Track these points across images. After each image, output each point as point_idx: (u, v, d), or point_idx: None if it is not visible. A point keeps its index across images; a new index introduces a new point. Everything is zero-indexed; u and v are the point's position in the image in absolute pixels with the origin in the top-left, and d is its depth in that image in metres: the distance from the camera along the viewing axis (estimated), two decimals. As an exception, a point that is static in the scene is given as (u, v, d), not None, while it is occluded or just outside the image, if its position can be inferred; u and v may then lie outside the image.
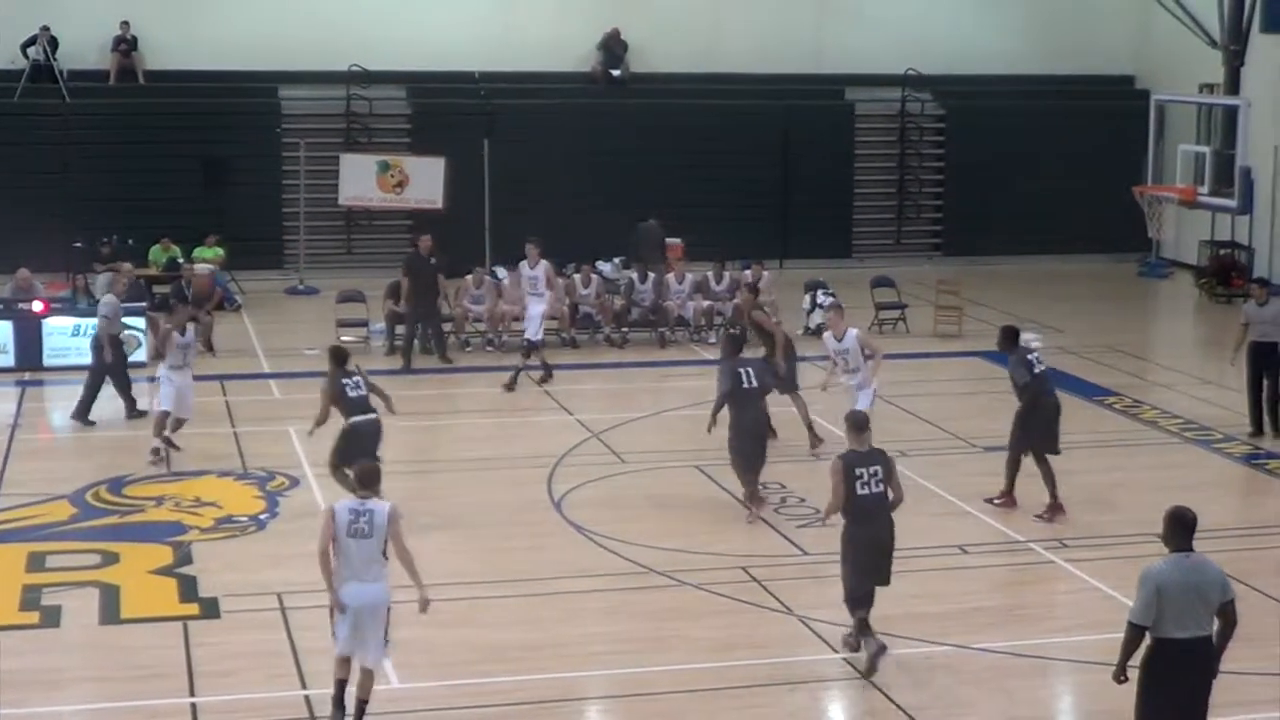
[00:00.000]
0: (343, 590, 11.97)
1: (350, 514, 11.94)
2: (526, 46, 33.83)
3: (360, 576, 11.92)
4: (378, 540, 11.88)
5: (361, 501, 12.03)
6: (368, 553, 11.89)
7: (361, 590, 11.92)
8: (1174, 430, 21.28)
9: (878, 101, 35.44)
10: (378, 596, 11.96)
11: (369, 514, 11.91)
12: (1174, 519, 10.51)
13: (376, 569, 11.94)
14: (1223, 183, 29.25)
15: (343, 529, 11.92)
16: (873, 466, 13.23)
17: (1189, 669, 10.40)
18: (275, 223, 32.38)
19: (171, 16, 32.76)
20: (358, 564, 11.90)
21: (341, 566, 11.96)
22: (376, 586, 11.96)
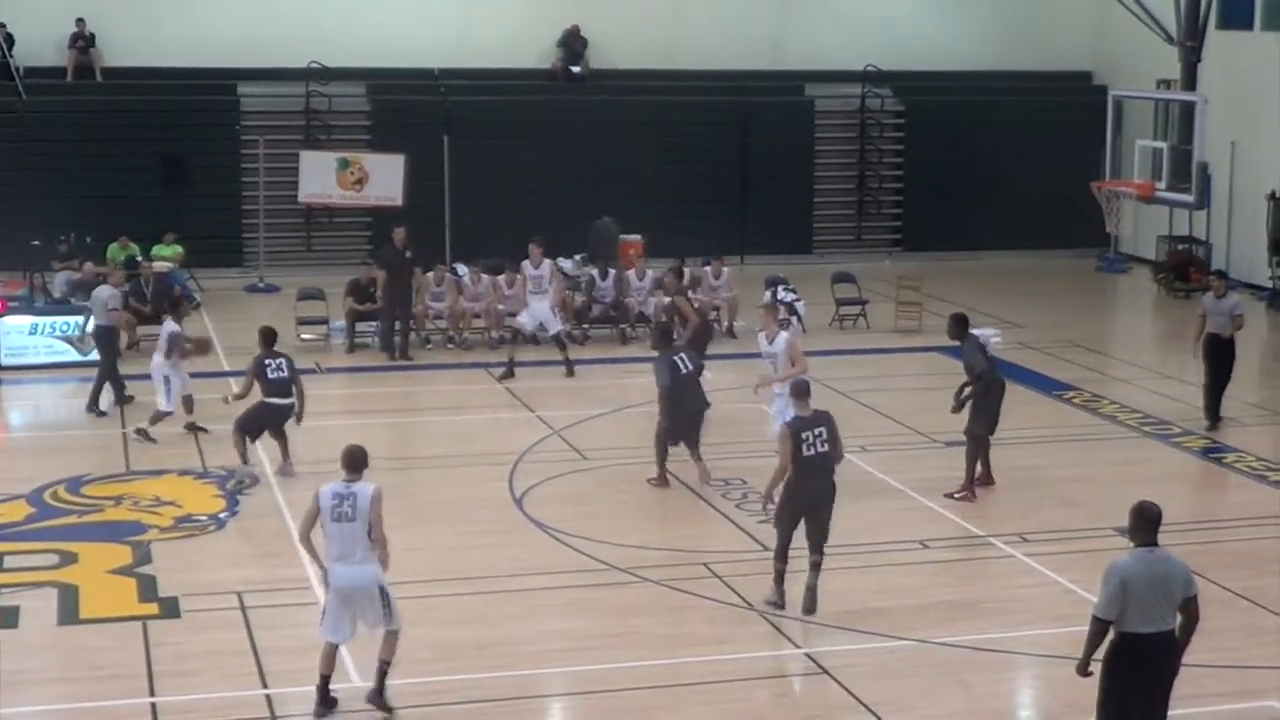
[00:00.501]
0: (331, 573, 12.11)
1: (334, 498, 12.06)
2: (486, 43, 33.78)
3: (347, 559, 12.04)
4: (361, 523, 12.01)
5: (346, 485, 12.14)
6: (352, 536, 12.01)
7: (349, 572, 12.04)
8: (1133, 425, 21.39)
9: (837, 97, 35.50)
10: (368, 578, 12.08)
11: (352, 497, 12.03)
12: (1139, 514, 10.56)
13: (363, 551, 12.03)
14: (1180, 178, 29.41)
15: (327, 513, 12.07)
16: (818, 429, 14.42)
17: (1151, 663, 10.46)
18: (234, 220, 32.27)
19: (129, 13, 32.59)
20: (343, 547, 12.04)
21: (329, 550, 12.13)
22: (365, 568, 12.07)
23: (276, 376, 18.45)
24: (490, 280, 26.33)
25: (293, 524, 16.74)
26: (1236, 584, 15.24)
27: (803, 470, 14.30)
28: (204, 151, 31.36)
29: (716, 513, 17.49)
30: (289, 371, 18.54)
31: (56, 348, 24.20)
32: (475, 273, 26.51)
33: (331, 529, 12.10)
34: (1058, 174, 33.97)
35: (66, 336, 24.23)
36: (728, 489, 18.21)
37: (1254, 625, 14.42)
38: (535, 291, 24.37)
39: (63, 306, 25.06)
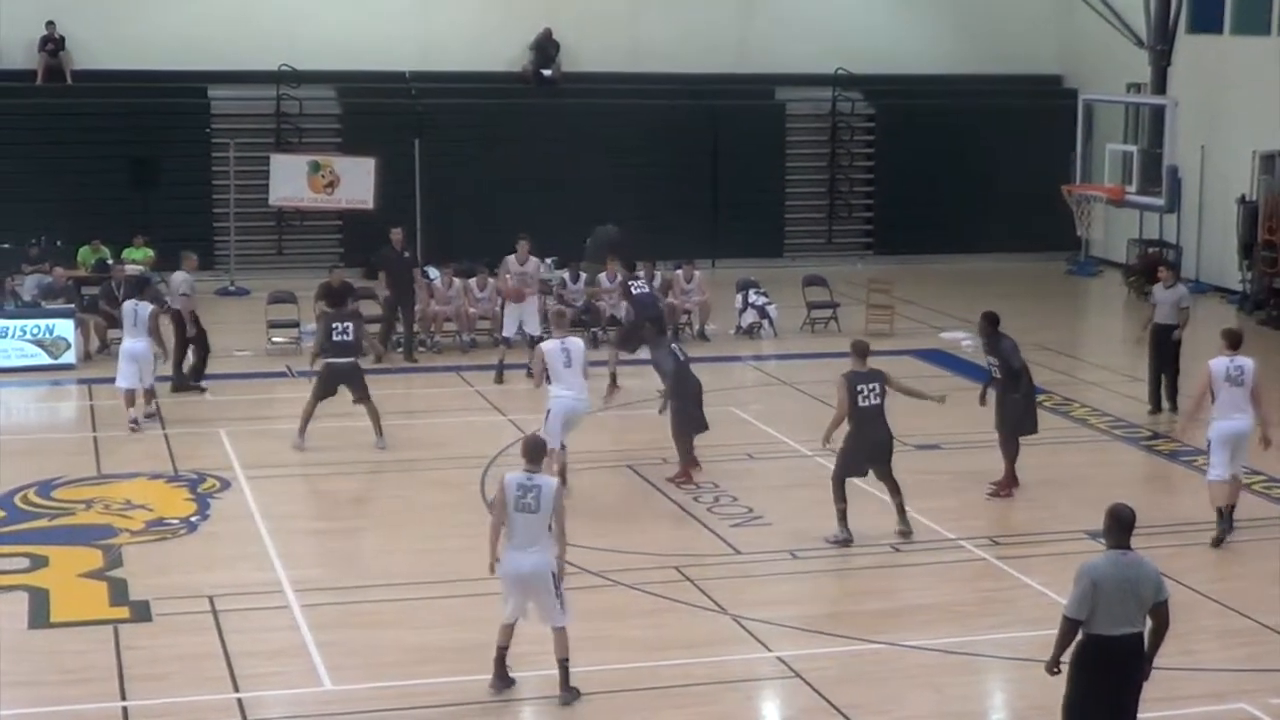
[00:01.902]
0: (508, 560, 12.53)
1: (519, 489, 12.46)
2: (456, 46, 33.76)
3: (528, 548, 12.44)
4: (544, 515, 12.41)
5: (529, 476, 12.50)
6: (536, 526, 12.41)
7: (530, 560, 12.45)
8: (1103, 428, 21.47)
9: (808, 101, 35.55)
10: (544, 566, 12.47)
11: (537, 490, 12.43)
12: (1113, 516, 10.61)
13: (543, 541, 12.46)
14: (1150, 182, 29.47)
15: (512, 503, 12.43)
16: (872, 383, 16.36)
17: (1119, 665, 10.49)
18: (205, 224, 32.15)
19: (99, 16, 32.47)
20: (526, 537, 12.41)
21: (511, 538, 12.50)
22: (543, 557, 12.46)
23: (341, 340, 19.91)
24: (462, 284, 26.31)
25: (265, 528, 16.77)
26: (1207, 586, 15.30)
27: (861, 421, 16.25)
28: (174, 155, 31.27)
29: (689, 517, 17.49)
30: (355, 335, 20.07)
31: (27, 351, 24.10)
32: (447, 276, 26.47)
33: (516, 519, 12.44)
34: (1028, 177, 34.02)
35: (38, 339, 24.13)
36: (700, 493, 18.21)
37: (1225, 628, 14.48)
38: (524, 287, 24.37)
39: (33, 310, 24.95)
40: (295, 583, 15.15)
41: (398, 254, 25.26)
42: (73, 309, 24.92)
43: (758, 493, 18.30)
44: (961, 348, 26.57)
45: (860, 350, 16.64)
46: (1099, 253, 35.08)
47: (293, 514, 17.72)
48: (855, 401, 16.22)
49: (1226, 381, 16.52)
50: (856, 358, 16.58)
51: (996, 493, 18.22)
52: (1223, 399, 16.52)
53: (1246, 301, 30.37)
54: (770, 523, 17.26)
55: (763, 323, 27.55)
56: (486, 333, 26.26)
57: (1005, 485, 18.31)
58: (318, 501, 18.57)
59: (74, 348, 24.23)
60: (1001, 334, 18.44)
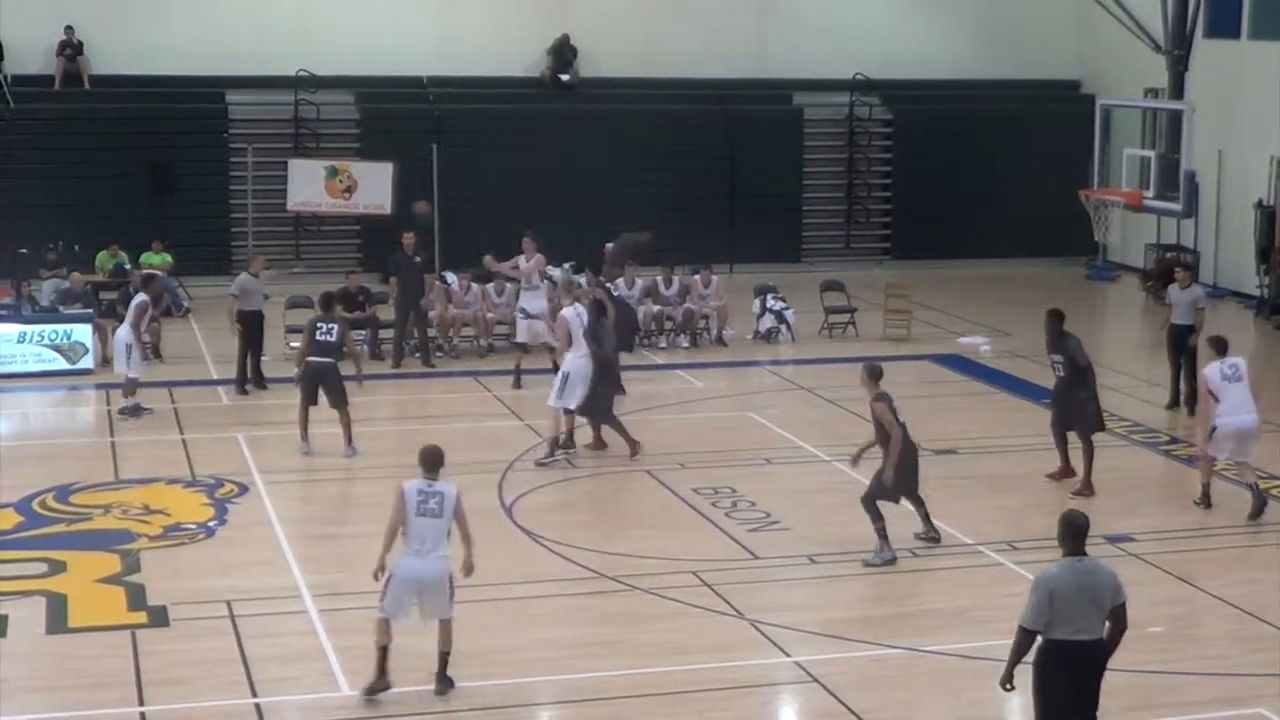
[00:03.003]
0: (402, 564, 12.64)
1: (419, 494, 12.67)
2: (474, 51, 33.79)
3: (425, 553, 12.58)
4: (445, 520, 12.62)
5: (429, 482, 12.71)
6: (436, 531, 12.58)
7: (425, 564, 12.58)
8: (1121, 433, 21.41)
9: (826, 106, 35.54)
10: (441, 571, 12.64)
11: (439, 495, 12.67)
12: (1067, 523, 10.64)
13: (441, 546, 12.63)
14: (1168, 186, 29.39)
15: (412, 508, 12.61)
16: (894, 403, 16.22)
17: (1079, 670, 10.48)
18: (223, 228, 32.22)
19: (118, 21, 32.56)
20: (424, 541, 12.58)
21: (409, 543, 12.64)
22: (441, 562, 12.64)
23: (324, 340, 19.99)
24: (480, 288, 26.33)
25: (282, 533, 16.79)
26: (1224, 591, 15.26)
27: (905, 440, 16.09)
28: (192, 160, 31.34)
29: (706, 521, 17.48)
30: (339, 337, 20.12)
31: (44, 356, 24.16)
32: (464, 280, 26.49)
33: (417, 524, 12.60)
34: (1046, 182, 34.00)
35: (55, 344, 24.19)
36: (717, 498, 18.21)
37: (1243, 633, 14.43)
38: (526, 288, 24.38)
39: (51, 315, 25.02)
40: (313, 587, 15.17)
41: (408, 258, 25.27)
42: (90, 314, 24.98)
43: (775, 497, 18.29)
44: (979, 352, 26.54)
45: (879, 374, 16.48)
46: (1116, 257, 35.03)
47: (310, 519, 17.75)
48: (898, 421, 16.00)
49: (1225, 381, 17.20)
50: (876, 381, 16.35)
51: (1080, 492, 18.21)
52: (1228, 399, 17.17)
53: (1264, 306, 30.30)
54: (788, 527, 17.24)
55: (780, 327, 27.54)
56: (504, 338, 26.26)
57: (1085, 485, 18.34)
58: (335, 506, 18.59)
59: (92, 353, 24.28)
60: (1066, 332, 18.54)
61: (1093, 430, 18.52)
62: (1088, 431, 18.47)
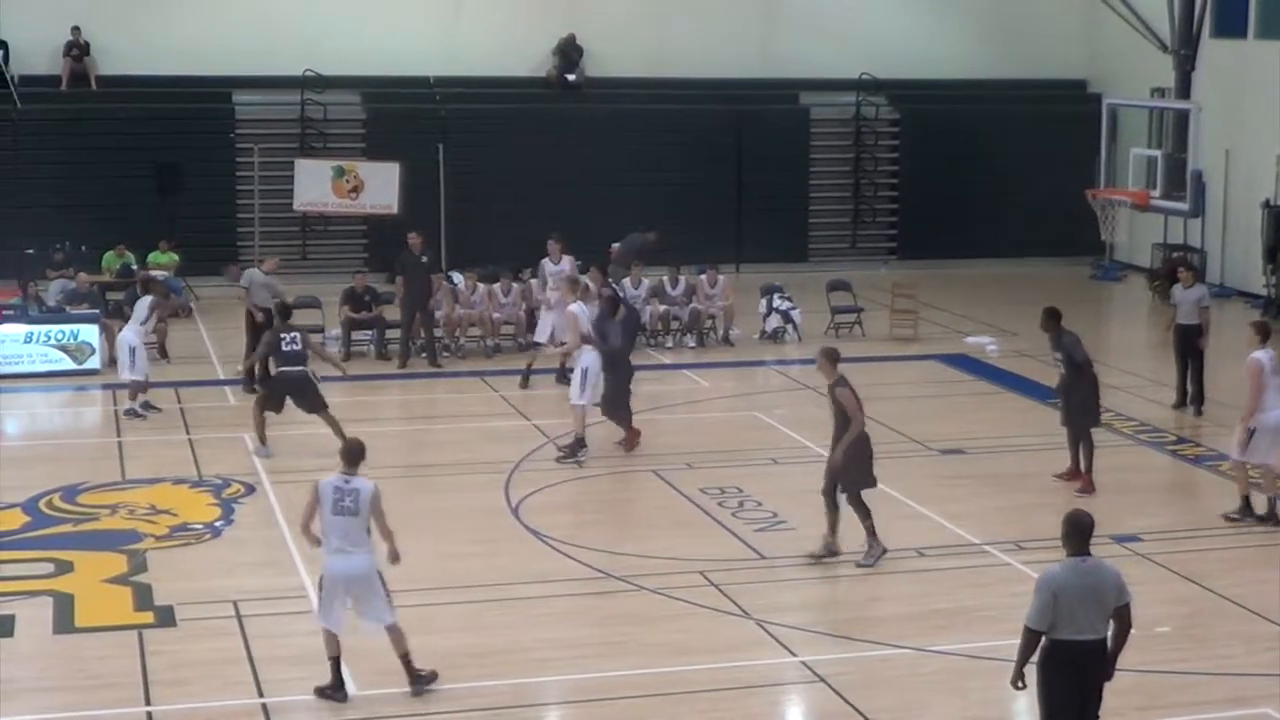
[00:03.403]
0: (327, 564, 12.50)
1: (335, 491, 12.48)
2: (480, 51, 33.78)
3: (346, 551, 12.44)
4: (363, 518, 12.46)
5: (346, 479, 12.56)
6: (355, 528, 12.43)
7: (347, 563, 12.43)
8: (1128, 432, 21.40)
9: (832, 106, 35.53)
10: (366, 567, 12.50)
11: (355, 492, 12.48)
12: (1071, 523, 10.61)
13: (362, 543, 12.49)
14: (1175, 186, 29.38)
15: (328, 505, 12.45)
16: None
17: (1083, 669, 10.47)
18: (229, 229, 32.24)
19: (124, 22, 32.58)
20: (343, 539, 12.43)
21: (328, 542, 12.51)
22: (364, 559, 12.50)
23: (290, 349, 19.92)
24: (486, 289, 26.31)
25: (289, 533, 16.78)
26: (1232, 591, 15.24)
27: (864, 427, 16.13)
28: (199, 160, 31.35)
29: (713, 521, 17.47)
30: (303, 344, 20.09)
31: (51, 356, 24.18)
32: (470, 280, 26.47)
33: (334, 522, 12.45)
34: (1053, 182, 33.98)
35: (62, 344, 24.21)
36: (724, 498, 18.21)
37: (1250, 633, 14.41)
38: (556, 289, 24.35)
39: (57, 315, 25.03)
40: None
41: (415, 258, 25.25)
42: (97, 314, 25.00)
43: (782, 497, 18.28)
44: (986, 352, 26.53)
45: (838, 358, 16.28)
46: (1123, 257, 34.99)
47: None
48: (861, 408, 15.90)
49: (1275, 375, 17.00)
50: (835, 365, 16.15)
51: (1083, 490, 18.19)
52: (1271, 391, 16.96)
53: (1271, 306, 30.25)
54: (794, 527, 17.23)
55: (787, 327, 27.53)
56: (511, 337, 26.27)
57: (1086, 481, 18.33)
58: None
59: (98, 353, 24.29)
60: (1063, 329, 18.52)
61: (1088, 423, 18.47)
62: (1083, 424, 18.43)
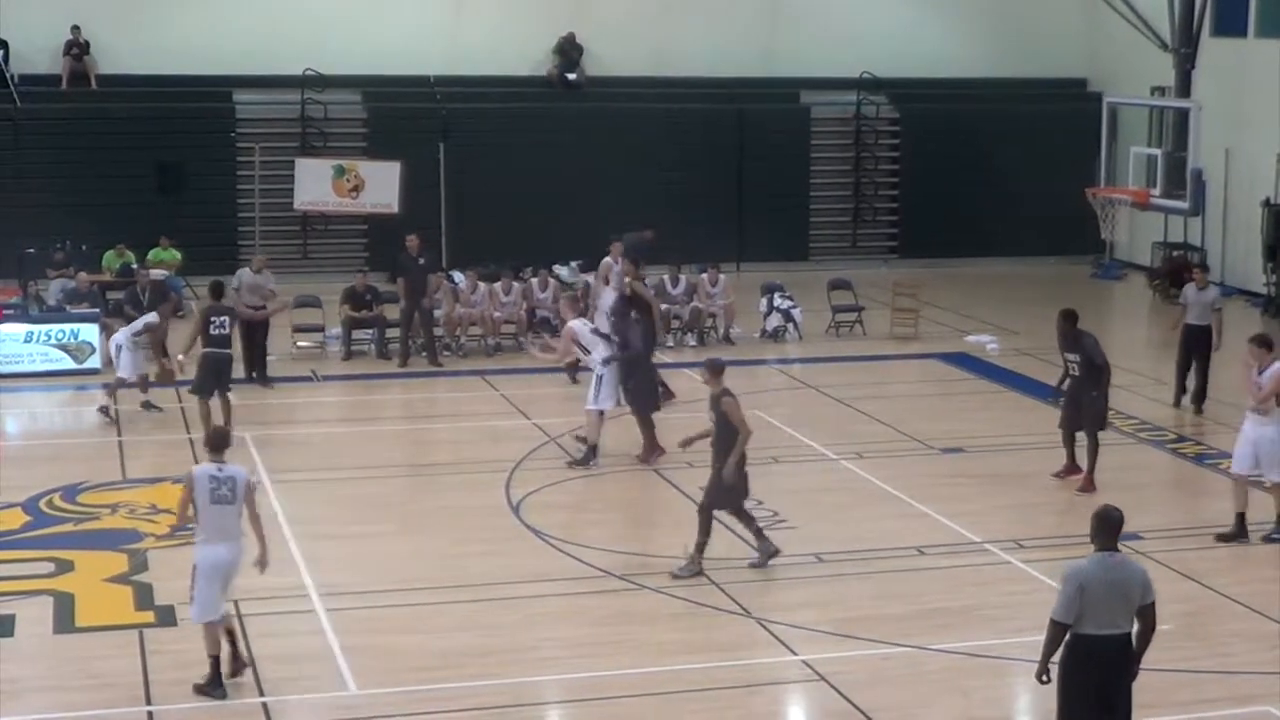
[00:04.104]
0: (202, 553, 12.62)
1: (211, 480, 12.55)
2: (481, 51, 33.77)
3: (224, 539, 12.60)
4: (239, 506, 12.58)
5: (220, 467, 12.64)
6: (231, 516, 12.57)
7: (227, 552, 12.63)
8: (1129, 431, 21.39)
9: (833, 105, 35.51)
10: (240, 556, 12.76)
11: (230, 480, 12.57)
12: (1101, 518, 10.61)
13: (238, 532, 12.68)
14: (1175, 185, 29.37)
15: (205, 495, 12.50)
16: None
17: (1106, 666, 10.47)
18: (230, 228, 32.20)
19: (124, 21, 32.57)
20: (221, 529, 12.56)
21: (203, 531, 12.61)
22: (240, 548, 12.72)
23: (218, 333, 20.17)
24: (487, 288, 26.31)
25: (290, 532, 16.79)
26: (1233, 589, 15.24)
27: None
28: (199, 159, 31.30)
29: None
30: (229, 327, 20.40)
31: (51, 355, 24.17)
32: (471, 279, 26.46)
33: (212, 511, 12.54)
34: (1053, 181, 33.96)
35: (62, 344, 24.21)
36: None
37: (1252, 631, 14.41)
38: (617, 289, 24.40)
39: (57, 314, 25.03)
40: (320, 587, 15.17)
41: (413, 259, 25.23)
42: (97, 313, 24.98)
43: (783, 496, 18.27)
44: (987, 351, 26.52)
45: (722, 369, 16.21)
46: (1123, 256, 34.98)
47: (317, 518, 17.73)
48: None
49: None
50: (719, 376, 16.03)
51: (1084, 488, 18.26)
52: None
53: (1271, 304, 30.26)
54: (795, 526, 17.23)
55: (787, 326, 27.52)
56: (511, 336, 26.27)
57: (1087, 481, 18.36)
58: (342, 506, 18.57)
59: (98, 352, 24.28)
60: (1082, 330, 18.54)
61: (1099, 427, 18.50)
62: (1094, 428, 18.45)
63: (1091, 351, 18.38)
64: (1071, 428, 18.69)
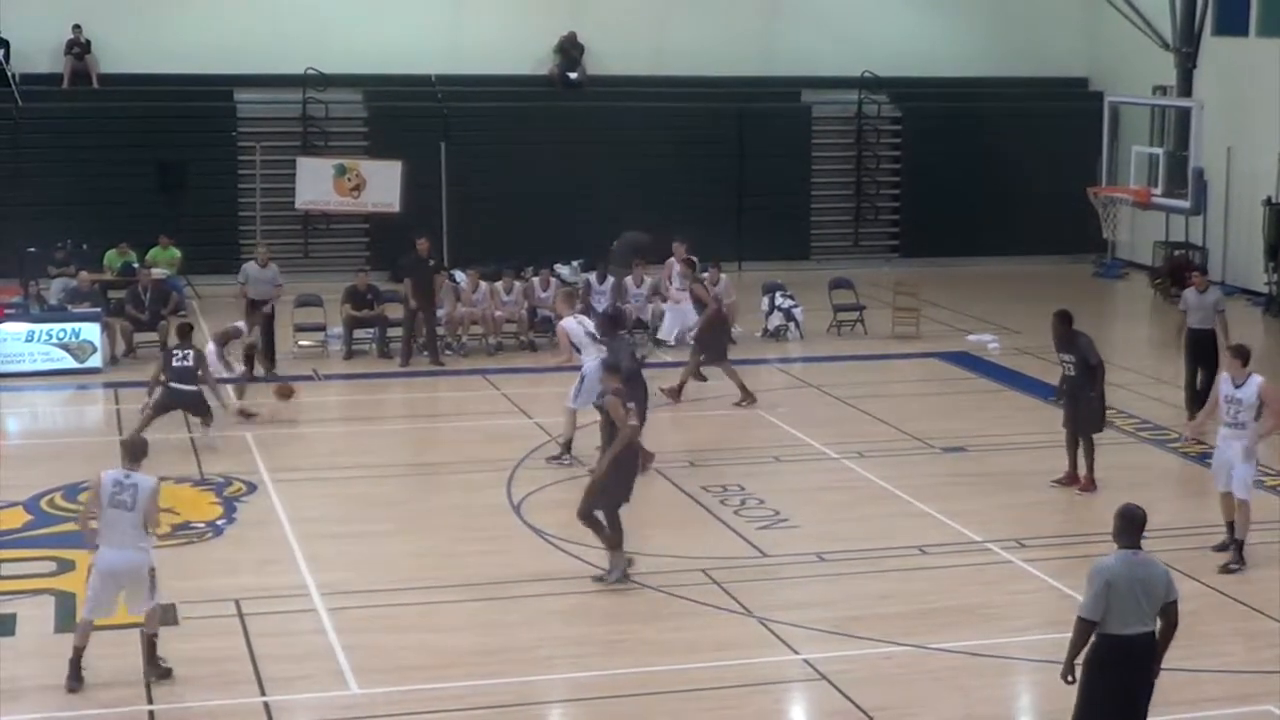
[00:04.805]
0: (100, 555, 12.77)
1: (115, 485, 12.73)
2: (482, 49, 33.76)
3: (120, 544, 12.70)
4: (138, 513, 12.68)
5: (127, 474, 12.81)
6: (129, 523, 12.67)
7: (122, 556, 12.71)
8: (1130, 430, 21.39)
9: (834, 104, 35.50)
10: (139, 562, 12.77)
11: (133, 488, 12.72)
12: (1124, 516, 10.62)
13: (135, 538, 12.71)
14: (1176, 184, 29.40)
15: (106, 499, 12.69)
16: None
17: (1130, 665, 10.48)
18: (231, 227, 32.20)
19: (126, 20, 32.55)
20: (118, 533, 12.68)
21: (102, 533, 12.75)
22: (138, 555, 12.76)
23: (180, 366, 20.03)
24: (488, 287, 26.30)
25: (291, 532, 16.80)
26: (1232, 589, 15.25)
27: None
28: (201, 158, 31.30)
29: (715, 519, 17.48)
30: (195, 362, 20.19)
31: (53, 355, 24.16)
32: (472, 279, 26.44)
33: (109, 515, 12.68)
34: (1054, 180, 33.98)
35: (64, 343, 24.21)
36: (726, 495, 18.21)
37: (1251, 630, 14.43)
38: (683, 288, 24.49)
39: (59, 314, 25.01)
40: (321, 586, 15.17)
41: (422, 261, 25.18)
42: (99, 313, 24.98)
43: (784, 495, 18.28)
44: (988, 350, 26.52)
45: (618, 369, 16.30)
46: (1125, 255, 34.97)
47: (319, 518, 17.74)
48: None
49: None
50: (615, 375, 15.98)
51: (1085, 488, 18.28)
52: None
53: (1273, 304, 30.26)
54: (797, 525, 17.24)
55: (789, 325, 27.52)
56: (513, 335, 26.28)
57: (1088, 481, 18.36)
58: (344, 505, 18.58)
59: (100, 351, 24.28)
60: (1077, 331, 18.52)
61: (1095, 429, 18.47)
62: (1090, 430, 18.42)
63: (1086, 351, 18.36)
64: (1074, 429, 18.66)
